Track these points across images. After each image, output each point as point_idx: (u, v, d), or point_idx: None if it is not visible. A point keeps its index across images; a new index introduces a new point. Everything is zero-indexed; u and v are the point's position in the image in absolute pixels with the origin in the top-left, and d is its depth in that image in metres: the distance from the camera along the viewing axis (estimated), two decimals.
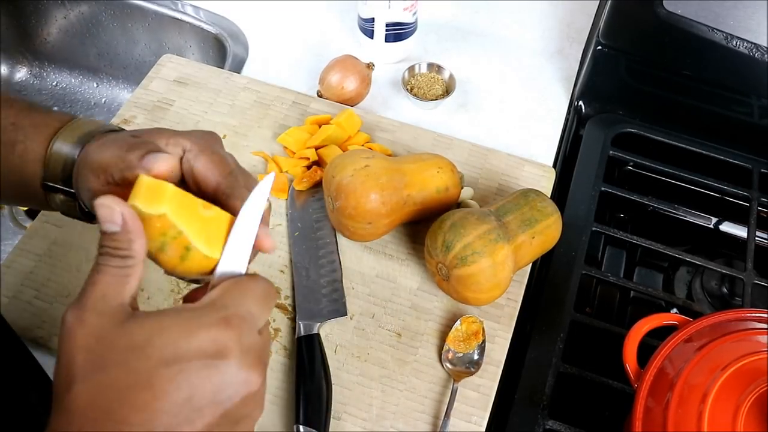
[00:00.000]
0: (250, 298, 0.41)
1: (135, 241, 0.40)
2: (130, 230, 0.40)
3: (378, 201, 0.71)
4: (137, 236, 0.40)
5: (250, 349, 0.39)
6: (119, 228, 0.39)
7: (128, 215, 0.40)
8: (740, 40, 0.82)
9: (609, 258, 0.89)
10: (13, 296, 0.73)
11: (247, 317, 0.39)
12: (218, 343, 0.37)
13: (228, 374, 0.37)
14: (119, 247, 0.39)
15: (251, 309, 0.40)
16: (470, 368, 0.70)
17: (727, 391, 0.53)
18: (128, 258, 0.39)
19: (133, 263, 0.39)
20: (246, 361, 0.38)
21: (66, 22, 1.15)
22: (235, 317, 0.39)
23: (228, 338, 0.37)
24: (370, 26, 0.95)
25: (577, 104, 0.96)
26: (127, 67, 1.19)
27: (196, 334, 0.37)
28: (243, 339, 0.38)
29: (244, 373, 0.38)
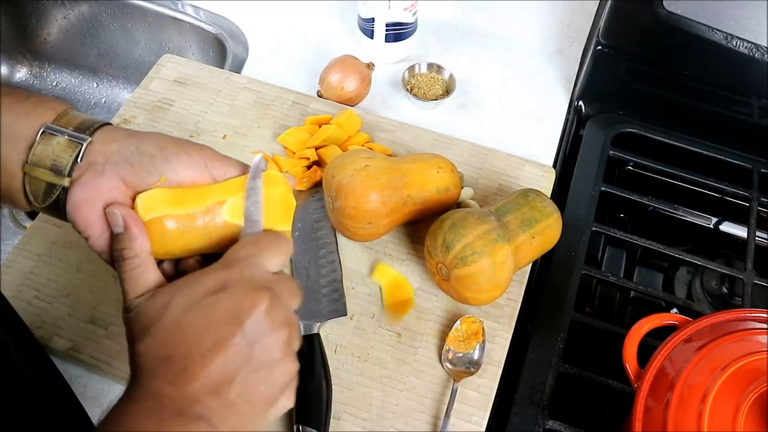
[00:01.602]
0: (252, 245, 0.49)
1: (135, 240, 0.48)
2: (131, 231, 0.48)
3: (378, 201, 0.71)
4: (137, 235, 0.48)
5: (252, 279, 0.47)
6: (122, 229, 0.48)
7: (128, 217, 0.49)
8: (740, 40, 0.82)
9: (609, 258, 0.89)
10: (13, 296, 0.73)
11: (247, 258, 0.48)
12: (219, 280, 0.46)
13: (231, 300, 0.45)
14: (123, 247, 0.48)
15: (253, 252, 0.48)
16: (470, 368, 0.70)
17: (727, 391, 0.53)
18: (134, 258, 0.48)
19: (139, 261, 0.48)
20: (246, 287, 0.46)
21: (66, 22, 1.15)
22: (235, 260, 0.48)
23: (228, 275, 0.46)
24: (370, 26, 0.95)
25: (577, 104, 0.96)
26: (127, 67, 1.19)
27: (201, 281, 0.46)
28: (244, 273, 0.47)
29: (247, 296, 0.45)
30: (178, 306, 0.45)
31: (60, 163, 0.50)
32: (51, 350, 0.70)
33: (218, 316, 0.45)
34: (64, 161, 0.50)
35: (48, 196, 0.51)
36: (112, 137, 0.52)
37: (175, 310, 0.45)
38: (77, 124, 0.51)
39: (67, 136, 0.50)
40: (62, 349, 0.70)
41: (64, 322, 0.71)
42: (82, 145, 0.50)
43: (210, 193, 0.52)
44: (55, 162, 0.50)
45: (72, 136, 0.50)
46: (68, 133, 0.51)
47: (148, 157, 0.51)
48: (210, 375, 0.44)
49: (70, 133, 0.51)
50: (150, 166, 0.51)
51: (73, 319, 0.72)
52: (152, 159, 0.51)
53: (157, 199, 0.50)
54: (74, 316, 0.72)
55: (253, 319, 0.45)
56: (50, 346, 0.70)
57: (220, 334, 0.45)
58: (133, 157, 0.51)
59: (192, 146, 0.53)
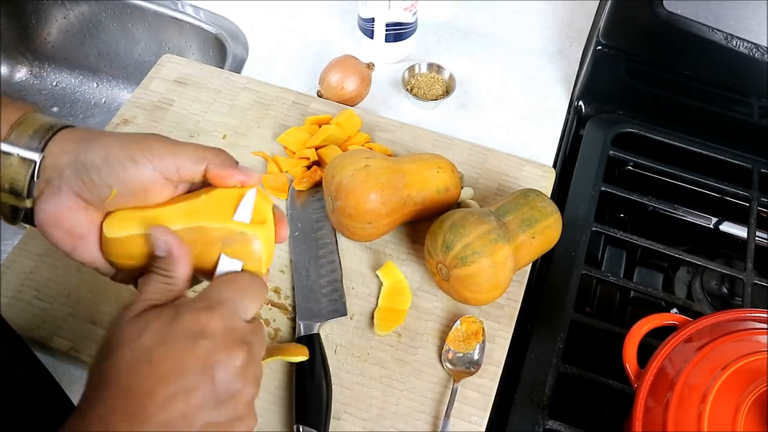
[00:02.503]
0: (232, 288, 0.47)
1: (179, 264, 0.47)
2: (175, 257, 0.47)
3: (378, 201, 0.71)
4: (181, 260, 0.47)
5: (231, 329, 0.45)
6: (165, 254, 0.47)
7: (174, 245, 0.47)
8: (740, 40, 0.82)
9: (609, 258, 0.89)
10: (13, 296, 0.73)
11: (228, 303, 0.45)
12: (199, 324, 0.44)
13: (210, 350, 0.43)
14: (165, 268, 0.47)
15: (233, 297, 0.46)
16: (470, 368, 0.70)
17: (727, 391, 0.53)
18: (171, 278, 0.46)
19: (174, 282, 0.46)
20: (227, 339, 0.44)
21: (66, 22, 1.15)
22: (217, 303, 0.45)
23: (209, 319, 0.44)
24: (370, 26, 0.95)
25: (577, 104, 0.96)
26: (127, 67, 1.19)
27: (182, 317, 0.44)
28: (224, 321, 0.44)
29: (225, 350, 0.44)
30: (155, 334, 0.43)
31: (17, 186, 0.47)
32: (51, 350, 0.70)
33: (191, 362, 0.42)
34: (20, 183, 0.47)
35: (16, 217, 0.50)
36: (63, 148, 0.48)
37: (149, 339, 0.43)
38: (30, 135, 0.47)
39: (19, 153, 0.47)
40: (62, 349, 0.70)
41: (64, 322, 0.71)
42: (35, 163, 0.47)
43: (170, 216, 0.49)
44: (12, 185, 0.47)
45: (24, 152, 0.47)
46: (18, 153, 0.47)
47: (95, 170, 0.47)
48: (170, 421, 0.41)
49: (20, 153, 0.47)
50: (98, 180, 0.47)
51: (73, 319, 0.72)
52: (99, 172, 0.47)
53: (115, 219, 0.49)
54: (74, 316, 0.72)
55: (226, 373, 0.43)
56: (50, 346, 0.70)
57: (189, 381, 0.42)
58: (82, 171, 0.47)
59: (137, 147, 0.48)
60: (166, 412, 0.41)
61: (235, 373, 0.44)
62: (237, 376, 0.44)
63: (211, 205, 0.50)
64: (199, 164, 0.49)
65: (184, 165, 0.48)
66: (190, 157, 0.49)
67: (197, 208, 0.49)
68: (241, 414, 0.44)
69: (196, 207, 0.49)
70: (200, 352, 0.43)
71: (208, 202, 0.50)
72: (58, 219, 0.48)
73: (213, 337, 0.43)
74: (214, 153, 0.50)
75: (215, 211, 0.49)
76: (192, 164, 0.49)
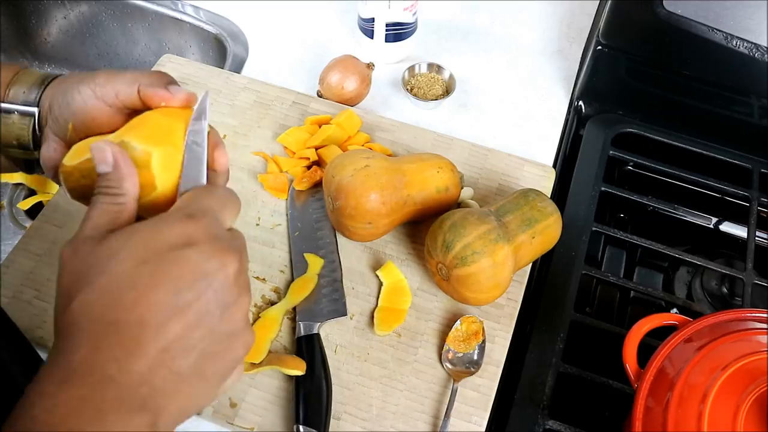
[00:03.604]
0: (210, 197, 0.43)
1: (126, 180, 0.43)
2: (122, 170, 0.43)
3: (378, 201, 0.71)
4: (128, 175, 0.43)
5: (217, 236, 0.40)
6: (111, 168, 0.43)
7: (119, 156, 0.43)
8: (740, 40, 0.82)
9: (609, 258, 0.89)
10: (13, 296, 0.73)
11: (209, 212, 0.42)
12: (185, 235, 0.39)
13: (200, 259, 0.39)
14: (110, 185, 0.42)
15: (213, 205, 0.42)
16: (470, 368, 0.70)
17: (727, 391, 0.53)
18: (119, 195, 0.42)
19: (124, 200, 0.42)
20: (216, 246, 0.40)
21: (66, 22, 1.15)
22: (198, 212, 0.41)
23: (193, 229, 0.40)
24: (370, 26, 0.95)
25: (577, 104, 0.96)
26: (127, 67, 1.19)
27: (162, 231, 0.39)
28: (209, 229, 0.40)
29: (217, 256, 0.39)
30: (134, 255, 0.38)
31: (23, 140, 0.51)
32: None
33: (182, 276, 0.38)
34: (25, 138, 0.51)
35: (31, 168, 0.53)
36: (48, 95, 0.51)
37: (129, 260, 0.38)
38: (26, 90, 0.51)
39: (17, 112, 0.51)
40: None
41: None
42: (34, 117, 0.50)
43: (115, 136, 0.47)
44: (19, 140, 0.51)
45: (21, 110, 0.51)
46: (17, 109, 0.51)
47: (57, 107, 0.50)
48: (168, 346, 0.37)
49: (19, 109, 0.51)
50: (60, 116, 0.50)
51: None
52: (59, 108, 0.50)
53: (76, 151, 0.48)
54: None
55: (220, 284, 0.39)
56: (50, 346, 0.70)
57: (183, 297, 0.38)
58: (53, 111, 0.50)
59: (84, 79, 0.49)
60: (162, 337, 0.37)
61: (230, 282, 0.40)
62: (232, 284, 0.40)
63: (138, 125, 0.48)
64: (132, 86, 0.49)
65: (121, 89, 0.49)
66: (125, 80, 0.49)
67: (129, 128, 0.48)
68: (239, 327, 0.41)
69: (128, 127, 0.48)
70: (190, 263, 0.38)
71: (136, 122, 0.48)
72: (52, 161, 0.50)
73: (201, 244, 0.39)
74: (146, 75, 0.50)
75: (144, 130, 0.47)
76: (126, 86, 0.49)
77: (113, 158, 0.43)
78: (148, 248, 0.38)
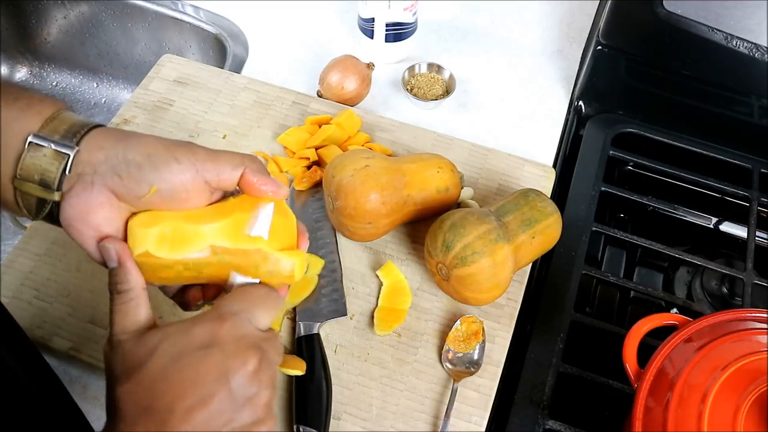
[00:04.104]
0: (244, 298, 0.48)
1: (130, 274, 0.48)
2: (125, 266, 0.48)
3: (378, 201, 0.71)
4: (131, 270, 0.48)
5: (242, 337, 0.46)
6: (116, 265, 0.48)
7: (122, 252, 0.48)
8: (740, 40, 0.82)
9: (609, 258, 0.89)
10: (13, 296, 0.73)
11: (239, 313, 0.47)
12: (210, 335, 0.45)
13: (223, 357, 0.45)
14: (118, 281, 0.48)
15: (244, 307, 0.48)
16: (470, 368, 0.70)
17: (727, 391, 0.53)
18: (128, 291, 0.47)
19: (134, 295, 0.47)
20: (239, 346, 0.45)
21: (66, 22, 1.15)
22: (228, 313, 0.47)
23: (219, 329, 0.46)
24: (370, 26, 0.95)
25: (577, 104, 0.96)
26: (127, 67, 1.19)
27: (192, 331, 0.45)
28: (236, 330, 0.46)
29: (239, 355, 0.45)
30: (166, 354, 0.45)
31: (48, 178, 0.47)
32: (51, 350, 0.70)
33: (206, 372, 0.44)
34: (51, 175, 0.47)
35: (41, 211, 0.49)
36: (99, 144, 0.48)
37: (162, 357, 0.44)
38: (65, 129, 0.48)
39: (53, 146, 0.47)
40: (62, 349, 0.70)
41: (64, 322, 0.71)
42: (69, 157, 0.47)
43: (203, 233, 0.49)
44: (42, 176, 0.47)
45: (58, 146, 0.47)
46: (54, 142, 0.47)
47: (136, 167, 0.47)
48: None
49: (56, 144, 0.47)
50: (138, 177, 0.47)
51: (73, 319, 0.72)
52: (140, 168, 0.47)
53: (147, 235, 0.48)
54: (74, 316, 0.72)
55: (240, 379, 0.45)
56: (50, 346, 0.70)
57: (206, 390, 0.44)
58: (120, 167, 0.47)
59: (181, 149, 0.49)
60: (187, 423, 0.43)
61: (250, 378, 0.45)
62: (252, 380, 0.45)
63: (235, 220, 0.50)
64: (237, 169, 0.50)
65: (224, 170, 0.49)
66: (230, 162, 0.50)
67: (209, 230, 0.50)
68: (261, 417, 0.46)
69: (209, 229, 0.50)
70: (213, 360, 0.44)
71: (233, 215, 0.50)
72: (88, 214, 0.48)
73: (225, 344, 0.45)
74: (250, 160, 0.51)
75: (237, 227, 0.50)
76: (231, 169, 0.50)
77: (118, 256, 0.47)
78: (179, 348, 0.45)
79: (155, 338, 0.45)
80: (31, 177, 0.48)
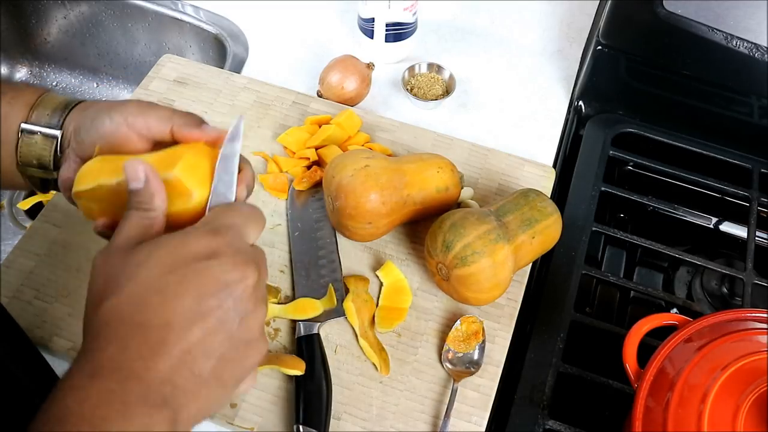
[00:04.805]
0: (235, 214, 0.47)
1: (156, 196, 0.46)
2: (152, 187, 0.46)
3: (378, 201, 0.71)
4: (158, 192, 0.46)
5: (239, 250, 0.44)
6: (142, 185, 0.46)
7: (150, 174, 0.46)
8: (740, 40, 0.82)
9: (609, 258, 0.89)
10: (13, 296, 0.73)
11: (234, 227, 0.45)
12: (210, 247, 0.43)
13: (223, 270, 0.42)
14: (142, 200, 0.45)
15: (237, 221, 0.46)
16: (470, 368, 0.70)
17: (727, 391, 0.53)
18: (150, 210, 0.45)
19: (154, 215, 0.45)
20: (238, 259, 0.43)
21: (66, 22, 1.15)
22: (222, 227, 0.45)
23: (217, 243, 0.43)
24: (370, 26, 0.95)
25: (577, 104, 0.96)
26: (127, 67, 1.19)
27: (189, 243, 0.43)
28: (232, 243, 0.44)
29: (239, 268, 0.43)
30: (161, 264, 0.42)
31: (44, 161, 0.53)
32: (51, 350, 0.70)
33: (205, 285, 0.41)
34: (46, 158, 0.53)
35: (47, 187, 0.55)
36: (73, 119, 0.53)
37: (156, 267, 0.41)
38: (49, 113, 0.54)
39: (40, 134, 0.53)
40: (62, 349, 0.70)
41: (64, 322, 0.71)
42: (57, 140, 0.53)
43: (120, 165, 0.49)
44: (39, 160, 0.53)
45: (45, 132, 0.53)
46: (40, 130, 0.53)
47: (84, 131, 0.52)
48: (190, 348, 0.40)
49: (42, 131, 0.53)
50: (86, 139, 0.52)
51: (73, 319, 0.72)
52: (87, 131, 0.52)
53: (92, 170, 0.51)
54: (74, 316, 0.72)
55: (240, 293, 0.42)
56: (50, 346, 0.70)
57: (206, 304, 0.41)
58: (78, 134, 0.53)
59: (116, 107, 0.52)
60: (185, 339, 0.40)
61: (249, 293, 0.43)
62: (250, 295, 0.43)
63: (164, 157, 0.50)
64: (165, 123, 0.52)
65: (152, 123, 0.52)
66: (159, 116, 0.52)
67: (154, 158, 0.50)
68: (255, 336, 0.44)
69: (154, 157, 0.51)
70: (213, 273, 0.42)
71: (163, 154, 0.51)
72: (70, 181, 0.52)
73: (224, 257, 0.43)
74: (180, 115, 0.53)
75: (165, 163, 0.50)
76: (159, 123, 0.52)
77: (144, 175, 0.46)
78: (174, 258, 0.42)
79: (148, 248, 0.43)
80: (30, 162, 0.54)
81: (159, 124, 0.52)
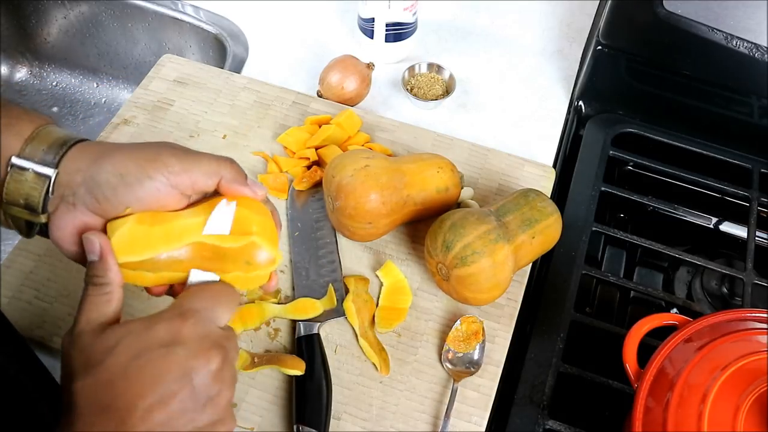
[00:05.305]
0: (206, 296, 0.48)
1: (110, 270, 0.47)
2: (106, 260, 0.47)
3: (378, 201, 0.71)
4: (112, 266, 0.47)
5: (205, 335, 0.45)
6: (98, 258, 0.47)
7: (105, 247, 0.47)
8: (740, 40, 0.82)
9: (609, 258, 0.89)
10: (13, 296, 0.73)
11: (201, 311, 0.46)
12: (173, 333, 0.44)
13: (187, 356, 0.44)
14: (97, 274, 0.47)
15: (205, 305, 0.47)
16: (470, 368, 0.70)
17: (727, 391, 0.53)
18: (105, 285, 0.47)
19: (110, 289, 0.47)
20: (202, 345, 0.44)
21: (66, 22, 1.15)
22: (189, 311, 0.46)
23: (182, 327, 0.45)
24: (370, 26, 0.95)
25: (577, 104, 0.96)
26: (127, 67, 1.19)
27: (154, 328, 0.44)
28: (197, 328, 0.45)
29: (203, 353, 0.44)
30: (128, 350, 0.43)
31: (32, 201, 0.47)
32: (51, 350, 0.70)
33: (168, 371, 0.43)
34: (35, 199, 0.47)
35: (31, 231, 0.51)
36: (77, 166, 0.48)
37: (123, 354, 0.43)
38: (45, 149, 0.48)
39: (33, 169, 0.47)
40: None
41: (64, 322, 0.71)
42: (50, 179, 0.47)
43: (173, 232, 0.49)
44: (27, 200, 0.47)
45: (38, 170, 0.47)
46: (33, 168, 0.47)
47: (111, 189, 0.47)
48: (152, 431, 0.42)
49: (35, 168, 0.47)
50: (113, 199, 0.47)
51: (72, 319, 0.71)
52: (114, 190, 0.47)
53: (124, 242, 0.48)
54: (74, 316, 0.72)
55: (204, 378, 0.44)
56: (50, 346, 0.70)
57: (167, 389, 0.43)
58: (96, 190, 0.47)
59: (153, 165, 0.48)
60: (147, 422, 0.42)
61: (212, 377, 0.44)
62: (214, 379, 0.44)
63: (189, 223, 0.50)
64: (212, 178, 0.50)
65: (198, 180, 0.49)
66: (205, 172, 0.49)
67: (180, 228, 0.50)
68: (222, 416, 0.45)
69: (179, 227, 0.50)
70: (176, 359, 0.43)
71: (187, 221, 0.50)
72: (74, 235, 0.49)
73: (188, 343, 0.44)
74: (226, 167, 0.50)
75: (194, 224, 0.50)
76: (205, 179, 0.50)
77: (100, 250, 0.47)
78: (140, 344, 0.44)
79: (116, 334, 0.44)
80: (16, 201, 0.48)
81: (206, 180, 0.50)
